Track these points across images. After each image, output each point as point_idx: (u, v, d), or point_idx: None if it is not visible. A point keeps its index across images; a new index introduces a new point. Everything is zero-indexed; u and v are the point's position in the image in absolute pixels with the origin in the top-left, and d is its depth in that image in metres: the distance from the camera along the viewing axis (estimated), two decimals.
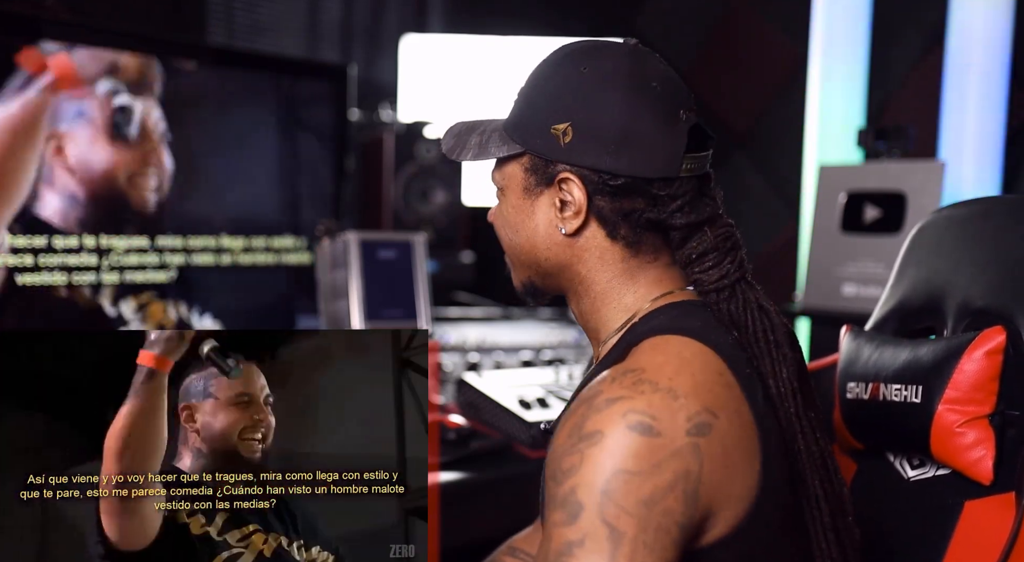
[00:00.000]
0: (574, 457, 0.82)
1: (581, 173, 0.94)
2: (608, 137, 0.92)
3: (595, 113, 0.92)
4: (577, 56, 0.96)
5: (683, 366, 0.86)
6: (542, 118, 0.95)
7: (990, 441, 1.03)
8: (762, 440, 0.88)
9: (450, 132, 1.05)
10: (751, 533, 0.86)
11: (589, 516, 0.79)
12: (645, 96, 0.92)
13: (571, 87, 0.94)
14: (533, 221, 0.98)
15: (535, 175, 0.97)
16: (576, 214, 0.95)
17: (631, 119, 0.92)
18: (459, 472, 1.64)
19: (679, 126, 0.93)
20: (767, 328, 0.94)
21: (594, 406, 0.84)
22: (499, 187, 1.02)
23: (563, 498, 0.81)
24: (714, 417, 0.84)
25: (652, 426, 0.81)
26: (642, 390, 0.83)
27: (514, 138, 0.97)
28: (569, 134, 0.93)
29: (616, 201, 0.94)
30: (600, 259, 0.97)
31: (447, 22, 3.14)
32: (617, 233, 0.96)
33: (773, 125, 2.82)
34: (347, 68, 2.33)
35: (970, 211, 1.20)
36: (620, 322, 0.97)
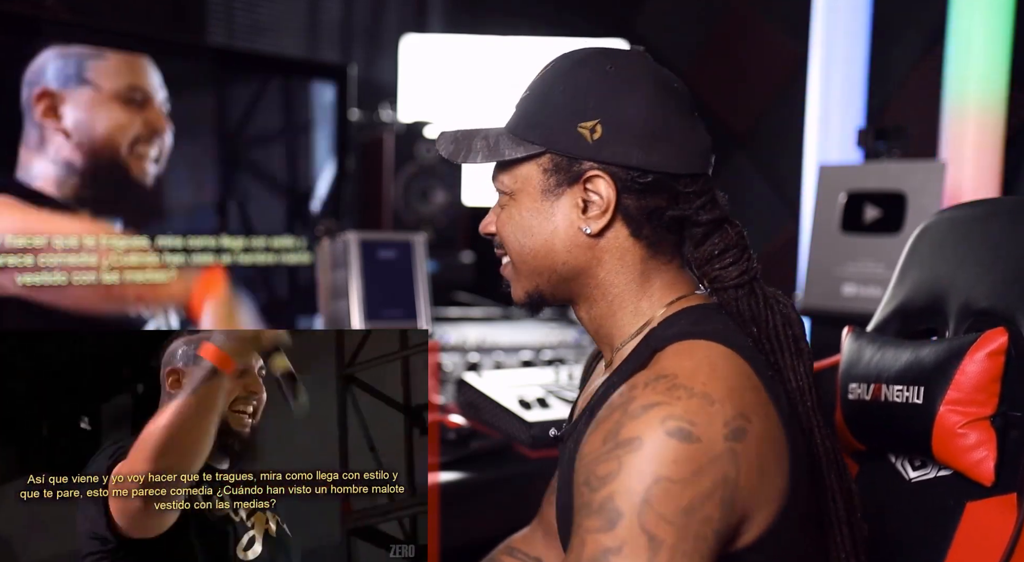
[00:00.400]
0: (611, 464, 0.81)
1: (610, 170, 0.93)
2: (639, 133, 0.92)
3: (625, 109, 0.92)
4: (600, 56, 0.96)
5: (714, 371, 0.86)
6: (565, 116, 0.94)
7: (992, 442, 1.03)
8: (789, 441, 0.88)
9: (445, 137, 1.03)
10: (780, 534, 0.86)
11: (628, 524, 0.78)
12: (670, 94, 0.94)
13: (597, 85, 0.94)
14: (552, 223, 0.97)
15: (556, 175, 0.96)
16: (603, 213, 0.94)
17: (660, 115, 0.93)
18: (459, 472, 1.64)
19: (700, 124, 0.95)
20: (786, 323, 0.95)
21: (630, 412, 0.83)
22: (508, 191, 0.99)
23: (600, 504, 0.80)
24: (748, 422, 0.84)
25: (691, 432, 0.81)
26: (678, 396, 0.83)
27: (530, 138, 0.96)
28: (598, 131, 0.93)
29: (642, 198, 0.94)
30: (620, 260, 0.97)
31: (447, 22, 3.14)
32: (640, 232, 0.96)
33: (773, 125, 2.82)
34: (347, 68, 2.33)
35: (972, 212, 1.20)
36: (635, 327, 0.97)
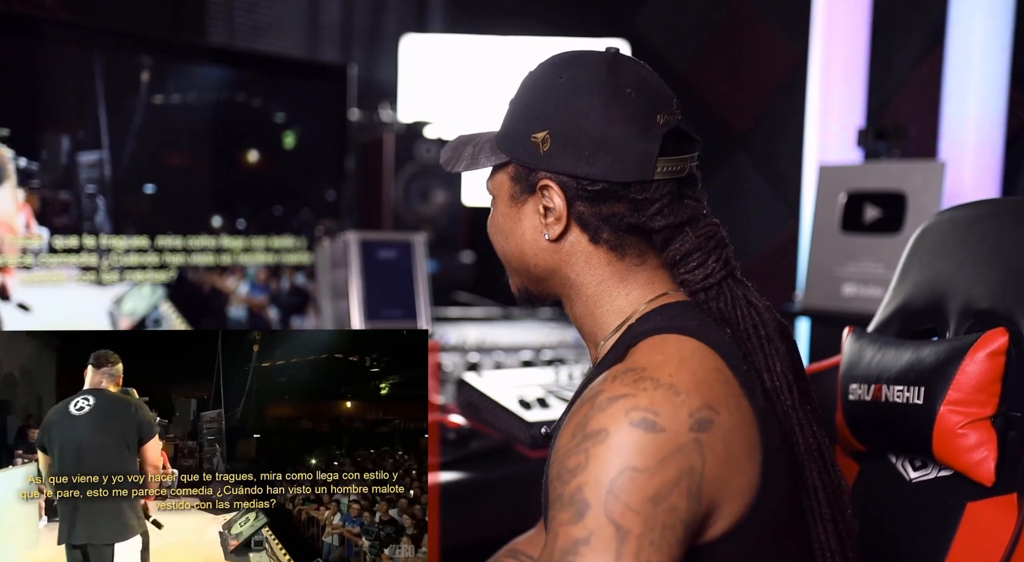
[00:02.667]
0: (579, 456, 0.83)
1: (560, 180, 0.96)
2: (583, 144, 0.94)
3: (571, 121, 0.95)
4: (556, 66, 0.99)
5: (682, 363, 0.87)
6: (523, 128, 0.98)
7: (992, 442, 1.03)
8: (763, 435, 0.89)
9: (449, 144, 1.09)
10: (753, 528, 0.87)
11: (595, 514, 0.80)
12: (619, 103, 0.94)
13: (549, 96, 0.97)
14: (520, 228, 1.01)
15: (519, 183, 1.00)
16: (557, 220, 0.97)
17: (606, 126, 0.94)
18: (459, 472, 1.64)
19: (655, 130, 0.94)
20: (757, 324, 0.95)
21: (596, 405, 0.84)
22: (491, 196, 1.05)
23: (569, 497, 0.82)
24: (715, 413, 0.85)
25: (655, 422, 0.82)
26: (644, 387, 0.84)
27: (501, 148, 1.01)
28: (548, 142, 0.95)
29: (595, 206, 0.96)
30: (586, 263, 0.99)
31: (447, 22, 3.14)
32: (599, 237, 0.97)
33: (773, 125, 2.82)
34: (347, 68, 2.33)
35: (972, 213, 1.20)
36: (615, 324, 0.98)
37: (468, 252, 2.57)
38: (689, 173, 0.98)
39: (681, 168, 0.97)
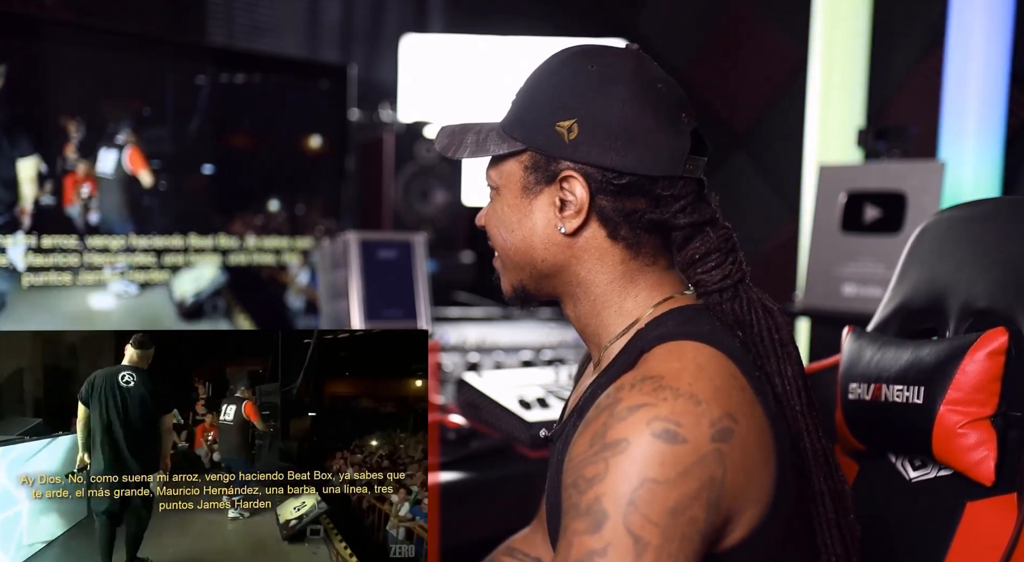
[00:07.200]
0: (598, 465, 0.81)
1: (585, 171, 0.93)
2: (614, 134, 0.91)
3: (602, 110, 0.92)
4: (583, 56, 0.96)
5: (700, 371, 0.85)
6: (546, 115, 0.94)
7: (992, 442, 1.03)
8: (776, 442, 0.88)
9: (443, 131, 1.04)
10: (766, 535, 0.86)
11: (613, 525, 0.78)
12: (651, 95, 0.93)
13: (578, 84, 0.93)
14: (531, 220, 0.97)
15: (535, 173, 0.96)
16: (577, 213, 0.94)
17: (638, 117, 0.91)
18: (459, 472, 1.64)
19: (682, 128, 0.93)
20: (772, 327, 0.94)
21: (616, 414, 0.83)
22: (495, 186, 1.01)
23: (587, 506, 0.80)
24: (735, 422, 0.83)
25: (677, 433, 0.80)
26: (664, 397, 0.82)
27: (514, 135, 0.96)
28: (575, 131, 0.92)
29: (619, 200, 0.93)
30: (599, 260, 0.96)
31: (447, 22, 3.14)
32: (618, 234, 0.95)
33: (773, 125, 2.82)
34: (347, 68, 2.33)
35: (972, 212, 1.20)
36: (622, 327, 0.97)
37: (468, 252, 2.57)
38: (701, 176, 0.97)
39: (699, 169, 0.96)
